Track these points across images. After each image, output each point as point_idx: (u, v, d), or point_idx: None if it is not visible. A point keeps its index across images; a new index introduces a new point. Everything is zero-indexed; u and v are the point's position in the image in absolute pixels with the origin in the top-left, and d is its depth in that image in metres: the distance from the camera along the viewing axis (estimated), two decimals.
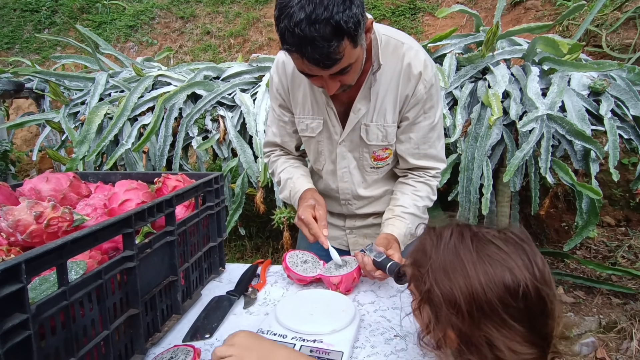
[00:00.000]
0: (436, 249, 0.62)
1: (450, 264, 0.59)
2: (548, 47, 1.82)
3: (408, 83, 1.03)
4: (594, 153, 1.92)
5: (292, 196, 1.15)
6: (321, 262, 1.04)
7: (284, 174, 1.19)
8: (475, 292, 0.55)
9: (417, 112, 1.06)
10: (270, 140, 1.25)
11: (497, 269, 0.56)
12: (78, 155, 2.41)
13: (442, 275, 0.59)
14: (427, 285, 0.60)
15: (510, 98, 2.10)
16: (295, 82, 1.10)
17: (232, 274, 1.10)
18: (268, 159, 1.28)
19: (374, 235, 1.23)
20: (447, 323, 0.58)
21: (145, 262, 0.75)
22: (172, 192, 0.94)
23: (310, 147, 1.18)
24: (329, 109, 1.08)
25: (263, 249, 3.46)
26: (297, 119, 1.14)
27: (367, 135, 1.08)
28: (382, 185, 1.19)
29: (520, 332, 0.55)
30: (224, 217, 1.09)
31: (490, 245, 0.59)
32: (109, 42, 5.91)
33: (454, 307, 0.56)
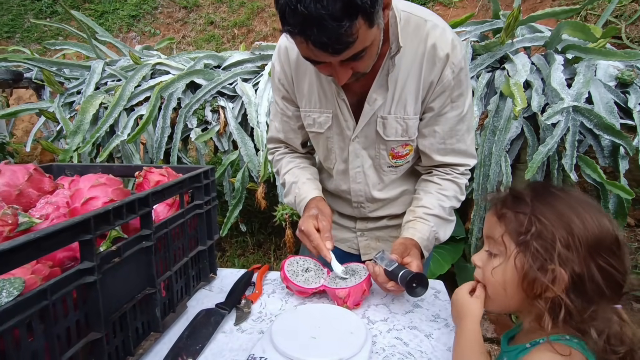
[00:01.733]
0: (531, 194, 0.61)
1: (554, 203, 0.59)
2: (577, 32, 1.66)
3: (433, 68, 0.88)
4: (623, 149, 1.77)
5: (297, 203, 1.04)
6: (325, 270, 0.91)
7: (289, 177, 1.08)
8: (590, 228, 0.56)
9: (443, 101, 0.91)
10: (273, 136, 1.13)
11: (595, 213, 0.57)
12: (71, 146, 2.29)
13: (549, 214, 0.58)
14: (535, 226, 0.57)
15: (531, 89, 1.94)
16: (300, 70, 0.96)
17: (224, 281, 0.97)
18: (272, 157, 1.17)
19: (388, 238, 1.10)
20: (561, 261, 0.56)
21: (113, 274, 0.62)
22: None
23: (319, 144, 1.05)
24: (339, 100, 0.93)
25: (265, 245, 3.34)
26: (303, 112, 1.01)
27: (385, 130, 0.94)
28: (399, 186, 1.05)
29: (621, 267, 0.56)
30: (216, 217, 0.96)
31: (576, 193, 0.61)
32: (111, 32, 5.79)
33: (569, 243, 0.56)
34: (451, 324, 0.80)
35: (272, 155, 1.16)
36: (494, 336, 2.33)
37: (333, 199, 1.12)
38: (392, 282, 0.79)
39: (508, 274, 0.60)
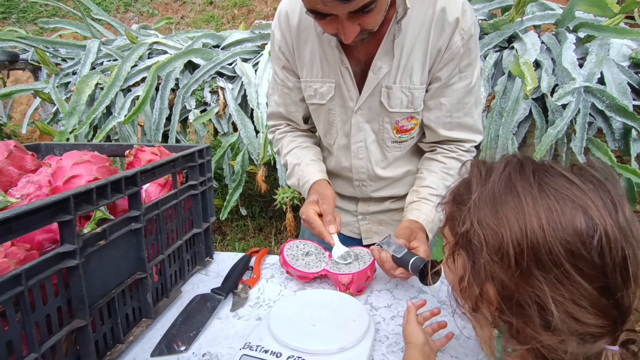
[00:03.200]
0: (484, 181, 0.47)
1: (500, 197, 0.45)
2: (592, 7, 1.58)
3: (442, 33, 0.82)
4: (635, 131, 1.71)
5: (301, 186, 0.99)
6: (327, 254, 0.87)
7: (291, 158, 1.02)
8: (531, 233, 0.41)
9: (451, 70, 0.85)
10: (273, 111, 1.06)
11: (565, 207, 0.41)
12: (67, 127, 2.23)
13: (487, 211, 0.45)
14: (466, 225, 0.46)
15: (541, 69, 1.87)
16: (302, 37, 0.90)
17: (221, 265, 0.93)
18: (272, 136, 1.10)
19: (391, 221, 1.06)
20: (486, 274, 0.44)
21: (99, 258, 0.58)
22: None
23: (319, 118, 0.99)
24: (342, 68, 0.87)
25: (266, 229, 3.32)
26: (304, 83, 0.95)
27: (389, 101, 0.88)
28: (404, 164, 1.00)
29: (588, 293, 0.40)
30: (212, 198, 0.92)
31: (558, 179, 0.44)
32: (109, 12, 5.66)
33: (498, 252, 0.43)
34: (458, 310, 0.76)
35: (272, 134, 1.10)
36: None
37: (334, 179, 1.07)
38: (401, 269, 0.75)
39: (449, 276, 0.53)
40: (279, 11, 0.93)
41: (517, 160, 0.47)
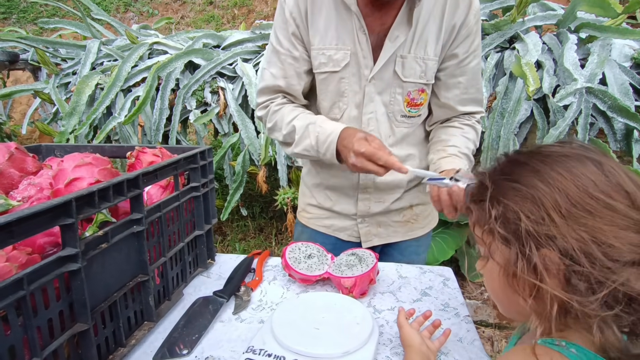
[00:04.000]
0: (492, 172, 0.50)
1: (514, 173, 0.47)
2: (595, 7, 1.57)
3: (456, 10, 0.87)
4: (637, 132, 1.70)
5: (321, 142, 0.88)
6: (329, 256, 0.86)
7: (300, 121, 0.92)
8: (559, 184, 0.43)
9: (467, 48, 0.90)
10: (269, 84, 0.97)
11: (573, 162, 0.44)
12: (67, 128, 2.23)
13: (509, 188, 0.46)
14: (495, 210, 0.46)
15: (542, 69, 1.86)
16: (316, 4, 0.89)
17: (223, 267, 0.93)
18: (264, 111, 0.99)
19: (390, 223, 1.06)
20: (538, 242, 0.42)
21: (100, 261, 0.57)
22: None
23: (328, 88, 0.95)
24: (360, 34, 0.88)
25: (266, 229, 3.31)
26: (316, 51, 0.92)
27: (403, 70, 0.90)
28: (408, 147, 1.00)
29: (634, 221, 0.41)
30: (214, 200, 0.91)
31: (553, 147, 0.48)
32: (108, 13, 5.65)
33: (538, 215, 0.43)
34: (462, 313, 0.76)
35: (264, 109, 0.99)
36: (496, 321, 2.31)
37: (334, 173, 1.03)
38: None
39: (494, 273, 0.49)
40: None
41: (508, 154, 0.51)
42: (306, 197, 1.14)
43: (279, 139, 0.97)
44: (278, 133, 0.97)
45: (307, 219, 1.13)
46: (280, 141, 0.98)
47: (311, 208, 1.12)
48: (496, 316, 2.32)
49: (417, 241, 1.15)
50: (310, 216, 1.13)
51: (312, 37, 0.91)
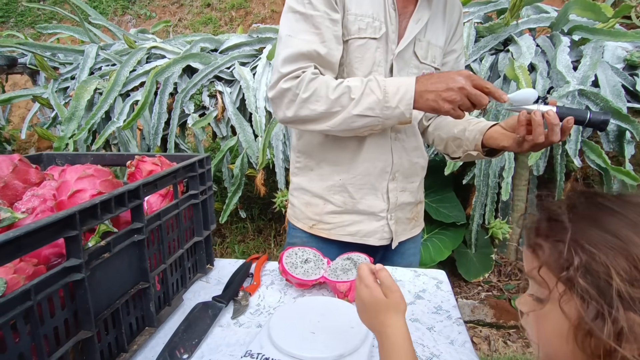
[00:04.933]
0: (568, 209, 0.44)
1: (597, 217, 0.42)
2: (586, 11, 1.60)
3: (453, 12, 1.01)
4: (629, 133, 1.73)
5: (391, 94, 0.84)
6: (325, 260, 0.89)
7: (354, 81, 0.86)
8: None
9: (460, 45, 1.05)
10: (302, 50, 0.86)
11: None
12: (66, 133, 2.25)
13: (595, 232, 0.41)
14: (580, 258, 0.40)
15: (536, 71, 1.89)
16: None
17: (221, 271, 0.95)
18: (296, 81, 0.86)
19: (404, 220, 1.08)
20: (625, 303, 0.38)
21: (103, 270, 0.59)
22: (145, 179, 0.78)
23: (364, 56, 0.92)
24: (391, 10, 0.92)
25: (265, 231, 3.33)
26: (353, 16, 0.89)
27: (422, 52, 0.97)
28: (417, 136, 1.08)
29: None
30: (212, 206, 0.93)
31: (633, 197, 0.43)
32: (106, 15, 5.67)
33: (632, 277, 0.38)
34: (454, 315, 0.78)
35: (293, 80, 0.86)
36: (493, 321, 2.33)
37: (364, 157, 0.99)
38: (569, 119, 0.75)
39: (557, 323, 0.43)
40: None
41: (583, 192, 0.47)
42: (318, 206, 1.03)
43: (319, 110, 0.86)
44: (317, 104, 0.85)
45: (329, 230, 1.02)
46: (320, 112, 0.86)
47: (330, 217, 1.02)
48: (493, 316, 2.35)
49: (414, 242, 1.17)
50: (331, 226, 1.02)
51: (347, 2, 0.89)
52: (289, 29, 0.89)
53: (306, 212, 1.06)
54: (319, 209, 1.03)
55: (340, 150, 0.98)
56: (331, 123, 0.86)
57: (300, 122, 0.89)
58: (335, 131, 0.89)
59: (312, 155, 1.03)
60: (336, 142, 0.98)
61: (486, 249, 2.42)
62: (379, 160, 0.99)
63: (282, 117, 0.90)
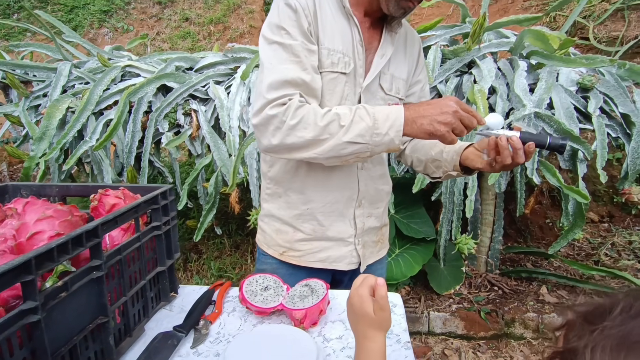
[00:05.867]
0: (628, 317, 0.46)
1: (631, 342, 0.44)
2: (537, 41, 1.71)
3: (413, 46, 1.09)
4: (581, 153, 1.84)
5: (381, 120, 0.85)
6: (285, 287, 0.93)
7: (342, 109, 0.88)
8: None
9: (424, 75, 1.14)
10: (288, 78, 0.87)
11: None
12: (37, 153, 2.23)
13: (609, 345, 0.44)
14: (581, 342, 0.46)
15: (496, 94, 2.00)
16: (322, 8, 0.93)
17: (185, 299, 0.98)
18: (283, 108, 0.85)
19: (370, 244, 1.12)
20: None
21: (61, 309, 0.62)
22: (107, 214, 0.81)
23: (335, 89, 0.95)
24: (359, 46, 0.97)
25: (243, 246, 3.34)
26: (327, 50, 0.93)
27: (387, 85, 1.04)
28: (383, 165, 1.14)
29: None
30: (176, 236, 0.96)
31: None
32: (82, 28, 5.63)
33: None
34: (403, 339, 0.83)
35: (280, 107, 0.85)
36: (463, 333, 2.40)
37: (332, 187, 1.03)
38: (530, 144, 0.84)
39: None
40: None
41: None
42: (288, 234, 1.06)
43: (306, 137, 0.85)
44: (305, 131, 0.85)
45: (299, 257, 1.06)
46: (308, 139, 0.86)
47: (300, 244, 1.06)
48: (463, 327, 2.41)
49: (380, 263, 1.22)
50: (301, 253, 1.06)
51: (321, 36, 0.93)
52: (271, 58, 0.90)
53: (276, 239, 1.09)
54: (289, 236, 1.06)
55: (308, 180, 1.02)
56: (319, 150, 0.86)
57: (286, 150, 0.88)
58: (322, 159, 0.88)
59: (281, 183, 1.06)
60: (305, 171, 1.02)
61: (457, 261, 2.50)
62: (346, 189, 1.04)
63: (266, 145, 0.89)
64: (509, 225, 3.08)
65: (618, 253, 2.81)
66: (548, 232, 3.19)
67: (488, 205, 2.47)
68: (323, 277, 1.09)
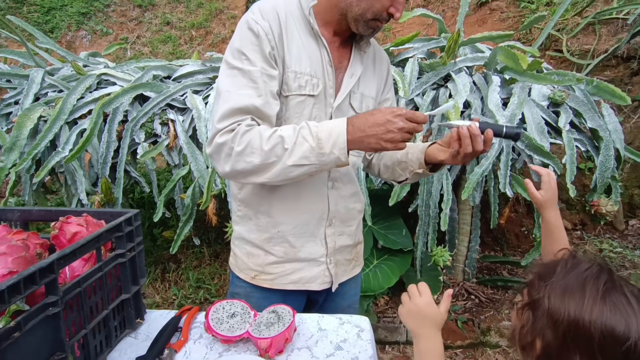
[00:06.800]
0: (566, 272, 0.66)
1: (571, 289, 0.64)
2: (508, 59, 1.75)
3: (382, 65, 1.12)
4: (552, 167, 1.89)
5: (324, 139, 0.85)
6: (252, 314, 0.92)
7: (286, 131, 0.87)
8: (580, 320, 0.60)
9: (392, 94, 1.17)
10: (240, 105, 0.87)
11: (614, 315, 0.59)
12: (6, 164, 2.17)
13: (558, 293, 0.64)
14: (540, 294, 0.66)
15: (471, 108, 2.03)
16: (289, 30, 0.94)
17: (152, 325, 0.96)
18: (230, 135, 0.87)
19: (343, 262, 1.13)
20: (540, 333, 0.64)
21: (15, 348, 0.60)
22: (68, 242, 0.79)
23: (302, 113, 0.96)
24: (328, 67, 0.99)
25: (222, 255, 3.31)
26: (293, 73, 0.94)
27: (357, 104, 1.05)
28: (354, 183, 1.14)
29: None
30: (142, 261, 0.95)
31: (620, 296, 0.62)
32: (59, 31, 5.50)
33: (554, 323, 0.62)
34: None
35: (228, 134, 0.87)
36: None
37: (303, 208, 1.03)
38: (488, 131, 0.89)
39: (514, 321, 0.72)
40: (259, 7, 0.93)
41: (598, 269, 0.65)
42: (260, 257, 1.06)
43: (255, 163, 0.86)
44: (253, 156, 0.86)
45: (272, 281, 1.06)
46: (256, 165, 0.86)
47: (272, 267, 1.05)
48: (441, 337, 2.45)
49: (355, 281, 1.22)
50: (273, 276, 1.05)
51: (287, 59, 0.93)
52: (228, 85, 0.91)
53: (247, 263, 1.08)
54: (260, 259, 1.06)
55: (277, 203, 1.02)
56: (269, 175, 0.87)
57: (240, 175, 0.90)
58: (275, 182, 0.90)
59: (250, 205, 1.06)
60: (273, 194, 1.01)
61: (435, 271, 2.52)
62: (316, 210, 1.04)
63: (222, 172, 0.91)
64: (486, 234, 3.13)
65: None
66: (524, 240, 3.26)
67: (465, 215, 2.51)
68: (298, 299, 1.11)
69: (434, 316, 0.78)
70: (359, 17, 0.93)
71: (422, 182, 2.05)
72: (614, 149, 1.97)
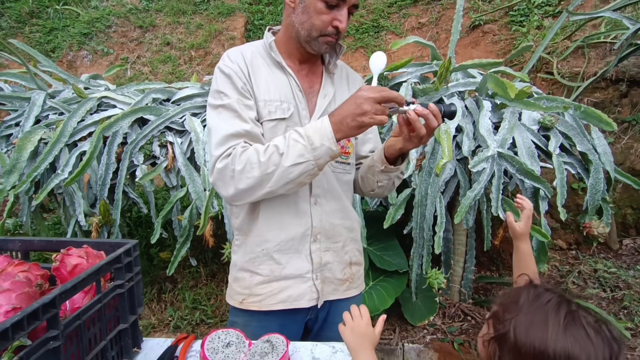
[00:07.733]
0: (529, 305, 0.70)
1: (535, 322, 0.67)
2: (497, 87, 1.81)
3: (355, 85, 1.18)
4: (542, 191, 1.93)
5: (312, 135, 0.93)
6: (247, 343, 0.94)
7: (278, 140, 0.96)
8: (545, 352, 0.64)
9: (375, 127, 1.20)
10: (232, 132, 0.97)
11: (575, 349, 0.63)
12: (5, 186, 2.19)
13: (522, 328, 0.67)
14: (505, 329, 0.69)
15: (463, 133, 2.08)
16: (254, 67, 1.06)
17: (149, 354, 0.98)
18: (229, 159, 0.95)
19: (333, 280, 1.14)
20: None
21: None
22: (69, 274, 0.82)
23: (276, 136, 1.01)
24: (297, 92, 1.07)
25: (219, 275, 3.31)
26: (263, 102, 1.03)
27: None
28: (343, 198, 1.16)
29: None
30: (140, 290, 0.97)
31: (580, 329, 0.65)
32: (61, 50, 5.59)
33: (520, 356, 0.66)
34: None
35: (226, 158, 0.96)
36: None
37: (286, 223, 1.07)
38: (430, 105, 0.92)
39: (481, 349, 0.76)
40: (226, 54, 1.07)
41: (558, 300, 0.69)
42: (245, 280, 1.09)
43: (255, 176, 0.94)
44: (253, 171, 0.94)
45: (259, 302, 1.07)
46: (257, 177, 0.94)
47: (259, 288, 1.08)
48: (437, 359, 2.44)
49: (347, 303, 1.23)
50: (261, 297, 1.07)
51: (256, 92, 1.04)
52: (216, 120, 1.02)
53: (235, 288, 1.11)
54: (247, 282, 1.09)
55: (263, 222, 1.07)
56: (271, 183, 0.94)
57: (245, 194, 0.97)
58: (277, 189, 0.96)
59: (243, 230, 1.11)
60: (260, 214, 1.07)
61: (430, 292, 2.53)
62: (299, 226, 1.07)
63: (226, 196, 0.98)
64: (482, 253, 3.15)
65: (584, 281, 2.91)
66: None
67: (460, 236, 2.54)
68: (295, 328, 1.12)
69: (371, 336, 0.85)
70: (308, 38, 1.03)
71: (416, 205, 2.09)
72: (603, 171, 2.02)
